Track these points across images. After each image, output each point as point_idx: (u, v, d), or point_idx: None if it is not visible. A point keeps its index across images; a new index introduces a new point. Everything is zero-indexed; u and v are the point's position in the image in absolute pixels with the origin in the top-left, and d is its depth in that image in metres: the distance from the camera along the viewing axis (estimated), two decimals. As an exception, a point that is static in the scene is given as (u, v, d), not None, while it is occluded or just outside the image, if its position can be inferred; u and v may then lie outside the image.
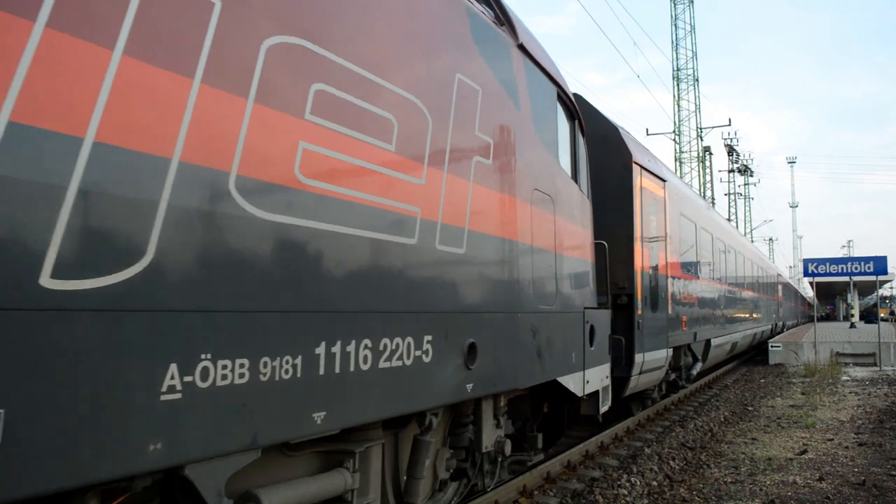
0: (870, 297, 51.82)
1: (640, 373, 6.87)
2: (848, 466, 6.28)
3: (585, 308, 4.55)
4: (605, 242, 5.25)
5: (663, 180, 8.32)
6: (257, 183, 1.96)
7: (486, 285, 3.16)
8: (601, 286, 5.19)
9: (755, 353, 20.12)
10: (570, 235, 4.39)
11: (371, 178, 2.44)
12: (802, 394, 11.89)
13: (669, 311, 8.11)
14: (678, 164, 34.59)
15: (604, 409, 4.94)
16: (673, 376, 9.37)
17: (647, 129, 38.19)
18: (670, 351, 8.16)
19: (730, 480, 5.72)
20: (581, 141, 4.97)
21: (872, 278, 18.77)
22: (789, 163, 66.82)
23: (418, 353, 2.56)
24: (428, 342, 2.63)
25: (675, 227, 8.81)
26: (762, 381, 14.47)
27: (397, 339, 2.44)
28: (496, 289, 3.24)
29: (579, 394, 4.24)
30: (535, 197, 3.77)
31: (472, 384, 2.88)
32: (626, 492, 5.16)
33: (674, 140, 35.34)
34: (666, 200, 8.38)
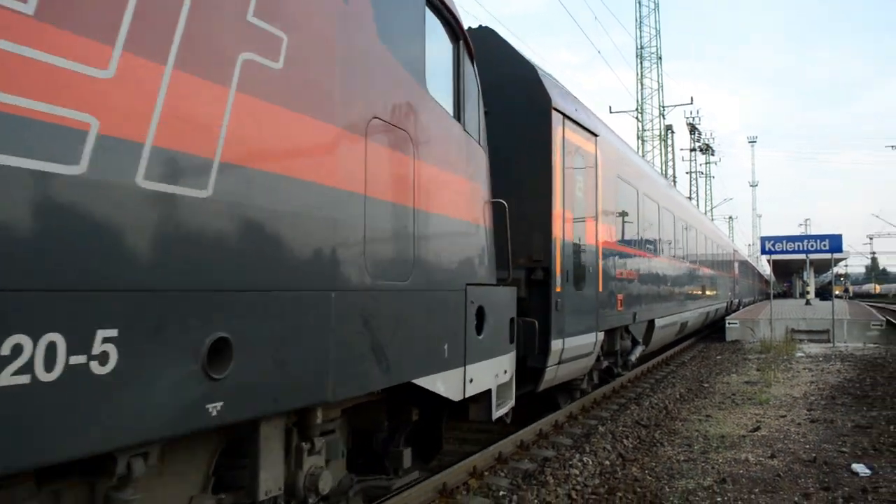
0: (825, 274, 53.47)
1: (560, 362, 5.84)
2: (800, 443, 6.19)
3: (469, 285, 3.51)
4: (504, 202, 4.12)
5: (594, 134, 6.98)
6: None
7: (263, 249, 2.06)
8: (503, 258, 4.14)
9: (710, 330, 19.84)
10: (446, 189, 3.32)
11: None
12: (758, 370, 11.95)
13: (600, 289, 6.90)
14: (640, 141, 34.31)
15: (501, 412, 3.93)
16: (606, 363, 8.14)
17: (610, 107, 37.78)
18: (601, 335, 6.99)
19: (682, 458, 5.61)
20: (470, 70, 3.88)
21: (828, 256, 18.77)
22: (750, 142, 67.71)
23: (79, 359, 1.49)
24: (107, 340, 1.56)
25: (609, 190, 7.61)
26: (719, 357, 14.54)
27: (16, 339, 1.37)
28: (284, 255, 2.14)
29: (456, 397, 3.22)
30: (374, 127, 2.69)
31: (220, 403, 1.83)
32: (577, 472, 5.06)
33: (636, 118, 35.04)
34: (598, 158, 7.14)
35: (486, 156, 4.06)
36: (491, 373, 3.68)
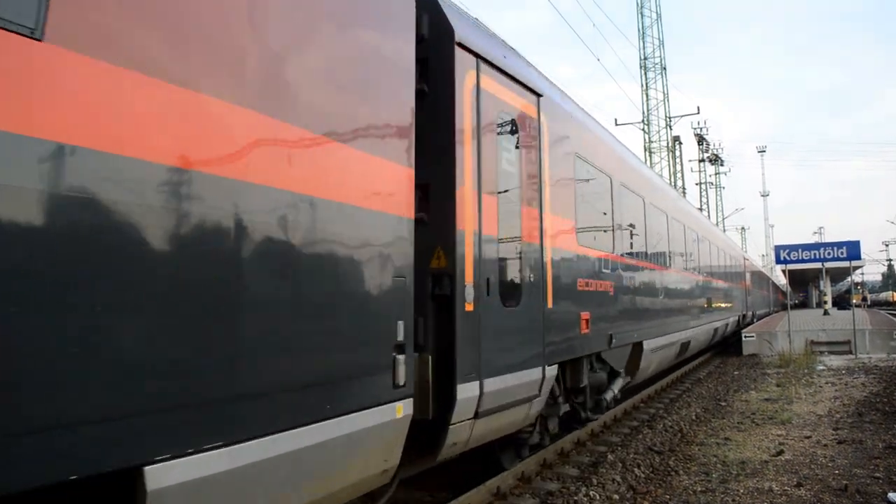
0: (841, 283, 52.28)
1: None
2: (828, 468, 5.81)
3: None
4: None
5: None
6: None
7: None
8: None
9: (722, 346, 19.00)
10: None
11: None
12: (777, 385, 11.46)
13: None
14: (648, 153, 33.96)
15: None
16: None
17: (615, 119, 37.55)
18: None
19: (700, 489, 5.26)
20: None
21: (846, 264, 18.21)
22: (759, 152, 66.98)
23: None
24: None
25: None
26: (736, 373, 14.05)
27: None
28: None
29: None
30: None
31: None
32: (583, 510, 4.76)
33: (643, 130, 34.74)
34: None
35: None
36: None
